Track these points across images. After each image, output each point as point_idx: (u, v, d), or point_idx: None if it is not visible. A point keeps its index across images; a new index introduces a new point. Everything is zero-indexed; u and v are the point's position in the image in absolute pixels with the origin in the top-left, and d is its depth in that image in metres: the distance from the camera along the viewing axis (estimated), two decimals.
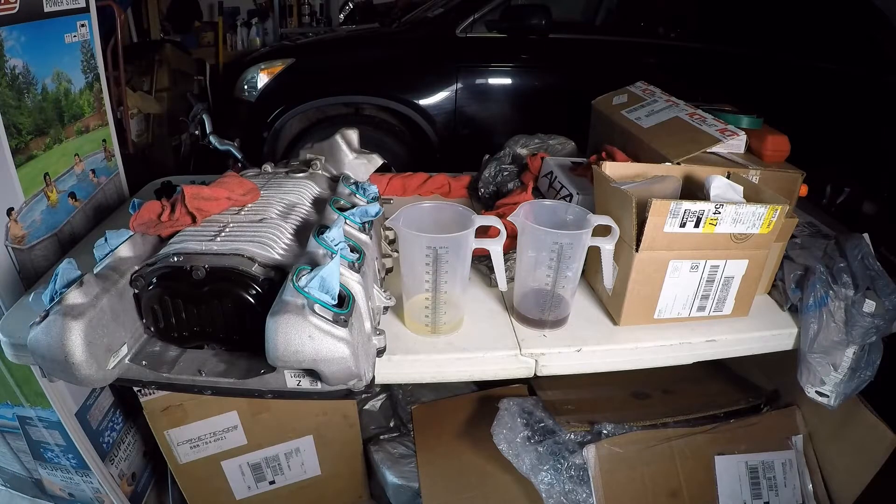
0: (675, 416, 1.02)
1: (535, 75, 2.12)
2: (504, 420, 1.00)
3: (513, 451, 0.97)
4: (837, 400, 0.82)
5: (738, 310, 0.81)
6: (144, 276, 0.61)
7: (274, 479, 1.17)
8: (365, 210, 0.72)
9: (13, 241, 0.86)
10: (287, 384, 0.59)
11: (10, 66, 0.85)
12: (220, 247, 0.61)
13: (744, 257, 0.77)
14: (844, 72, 2.01)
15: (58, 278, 0.57)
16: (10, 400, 0.97)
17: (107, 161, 1.14)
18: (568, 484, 0.95)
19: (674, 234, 0.72)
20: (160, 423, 1.03)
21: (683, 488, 0.98)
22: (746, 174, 0.88)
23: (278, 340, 0.51)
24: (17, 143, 0.86)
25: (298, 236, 0.68)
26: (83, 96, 1.05)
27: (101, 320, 0.56)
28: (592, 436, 0.97)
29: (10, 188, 0.85)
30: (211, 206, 0.69)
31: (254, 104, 2.19)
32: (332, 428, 1.14)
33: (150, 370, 0.61)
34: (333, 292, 0.54)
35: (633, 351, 0.78)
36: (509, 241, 0.79)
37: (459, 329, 0.77)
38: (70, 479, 1.09)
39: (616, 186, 0.76)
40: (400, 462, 1.17)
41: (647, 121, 1.02)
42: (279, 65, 2.19)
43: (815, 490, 1.03)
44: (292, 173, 0.86)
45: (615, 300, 0.80)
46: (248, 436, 1.09)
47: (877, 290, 0.79)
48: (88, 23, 1.04)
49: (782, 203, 0.72)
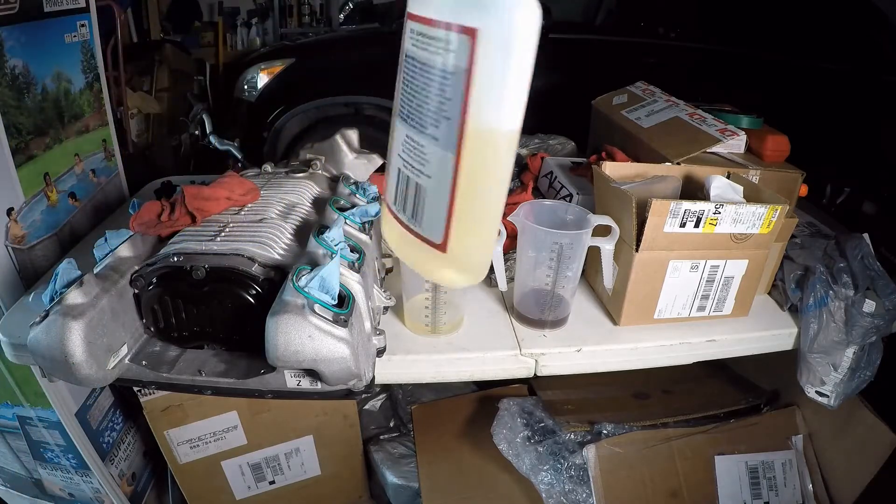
0: (675, 416, 1.02)
1: (535, 75, 2.11)
2: (504, 420, 1.00)
3: (513, 451, 0.97)
4: (837, 400, 0.82)
5: (738, 310, 0.81)
6: (144, 276, 0.61)
7: (274, 479, 1.17)
8: (365, 210, 0.72)
9: (13, 241, 0.86)
10: (287, 384, 0.59)
11: (10, 66, 0.85)
12: (220, 247, 0.61)
13: (744, 257, 0.77)
14: (844, 72, 2.01)
15: (58, 278, 0.57)
16: (10, 400, 0.97)
17: (107, 161, 1.14)
18: (568, 484, 0.95)
19: (674, 234, 0.72)
20: (160, 423, 1.03)
21: (683, 488, 0.98)
22: (746, 174, 0.88)
23: (278, 340, 0.51)
24: (17, 143, 0.86)
25: (298, 236, 0.68)
26: (83, 96, 1.05)
27: (101, 320, 0.56)
28: (592, 436, 0.97)
29: (10, 188, 0.85)
30: (211, 206, 0.69)
31: (254, 104, 2.19)
32: (332, 428, 1.14)
33: (150, 370, 0.61)
34: (333, 292, 0.54)
35: (633, 351, 0.78)
36: (509, 241, 0.80)
37: (459, 329, 0.77)
38: (70, 479, 1.09)
39: (616, 186, 0.76)
40: (400, 462, 1.17)
41: (647, 121, 1.02)
42: (279, 65, 2.19)
43: (815, 490, 1.03)
44: (292, 173, 0.86)
45: (615, 300, 0.80)
46: (248, 436, 1.09)
47: (877, 290, 0.79)
48: (88, 23, 1.04)
49: (782, 203, 0.72)
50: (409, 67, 0.43)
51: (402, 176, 0.45)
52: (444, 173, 0.42)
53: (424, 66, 0.41)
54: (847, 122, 1.87)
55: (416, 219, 0.45)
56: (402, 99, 0.44)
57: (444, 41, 0.39)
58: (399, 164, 0.45)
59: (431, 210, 0.44)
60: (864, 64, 1.99)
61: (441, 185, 0.42)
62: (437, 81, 0.40)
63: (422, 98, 0.41)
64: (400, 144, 0.45)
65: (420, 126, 0.42)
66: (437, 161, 0.42)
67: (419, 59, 0.41)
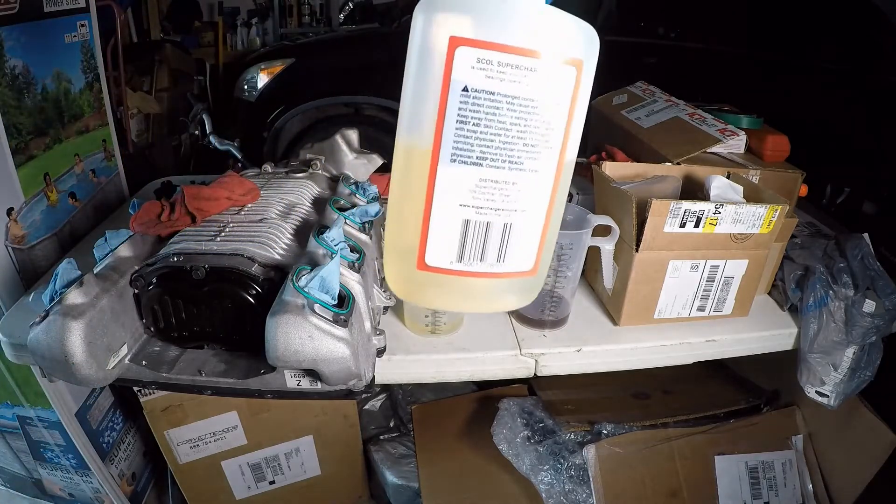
0: (675, 416, 1.02)
1: None
2: (504, 420, 1.00)
3: (513, 451, 0.97)
4: (837, 400, 0.82)
5: (738, 310, 0.81)
6: (144, 276, 0.61)
7: (274, 479, 1.17)
8: (365, 210, 0.72)
9: (13, 241, 0.86)
10: (287, 384, 0.59)
11: (10, 66, 0.85)
12: (220, 247, 0.61)
13: (744, 257, 0.77)
14: (844, 72, 2.01)
15: (58, 278, 0.57)
16: (10, 400, 0.97)
17: (107, 161, 1.14)
18: (568, 484, 0.95)
19: (674, 234, 0.72)
20: (160, 423, 1.03)
21: (683, 488, 0.98)
22: (746, 174, 0.88)
23: (278, 340, 0.51)
24: (17, 143, 0.86)
25: (298, 236, 0.68)
26: (83, 96, 1.05)
27: (101, 320, 0.56)
28: (592, 436, 0.97)
29: (10, 188, 0.85)
30: (211, 206, 0.69)
31: (254, 104, 2.19)
32: (332, 428, 1.14)
33: (150, 370, 0.61)
34: (333, 292, 0.54)
35: (633, 351, 0.78)
36: None
37: (459, 329, 0.77)
38: (70, 479, 1.09)
39: (616, 186, 0.76)
40: (400, 462, 1.18)
41: (647, 121, 1.02)
42: (279, 65, 2.19)
43: (815, 490, 1.03)
44: (292, 173, 0.86)
45: (615, 300, 0.80)
46: (248, 436, 1.09)
47: (877, 290, 0.79)
48: (88, 23, 1.04)
49: (782, 203, 0.72)
50: (483, 104, 0.38)
51: (473, 226, 0.41)
52: (539, 202, 0.42)
53: (517, 100, 0.38)
54: (847, 122, 1.86)
55: (501, 258, 0.43)
56: (467, 142, 0.39)
57: (552, 73, 0.38)
58: (467, 216, 0.41)
59: (522, 242, 0.43)
60: (864, 64, 1.99)
61: (535, 214, 0.42)
62: (539, 114, 0.38)
63: (513, 134, 0.39)
64: (467, 193, 0.40)
65: (510, 163, 0.40)
66: (533, 192, 0.41)
67: (505, 92, 0.38)
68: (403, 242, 0.44)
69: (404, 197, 0.43)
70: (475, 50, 0.36)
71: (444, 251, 0.42)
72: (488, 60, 0.37)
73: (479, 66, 0.37)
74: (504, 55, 0.37)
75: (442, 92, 0.38)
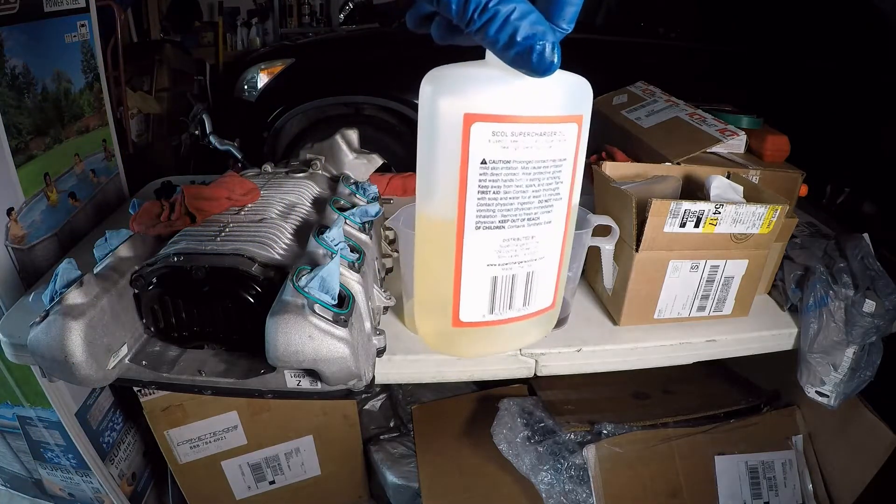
0: (675, 416, 1.02)
1: None
2: (504, 420, 1.00)
3: (513, 451, 0.97)
4: (837, 400, 0.82)
5: (738, 310, 0.81)
6: (144, 276, 0.61)
7: (274, 479, 1.17)
8: (365, 210, 0.72)
9: (13, 241, 0.86)
10: (287, 384, 0.59)
11: (10, 66, 0.85)
12: (220, 247, 0.61)
13: (744, 257, 0.77)
14: (844, 72, 2.01)
15: (58, 278, 0.57)
16: (10, 400, 0.97)
17: (107, 161, 1.14)
18: (568, 484, 0.95)
19: (674, 234, 0.72)
20: (160, 423, 1.03)
21: (683, 488, 0.98)
22: (746, 174, 0.88)
23: (278, 340, 0.51)
24: (17, 143, 0.86)
25: (298, 236, 0.68)
26: (83, 96, 1.05)
27: (101, 320, 0.56)
28: (592, 436, 0.97)
29: (10, 188, 0.85)
30: (211, 206, 0.69)
31: (254, 104, 2.19)
32: (332, 428, 1.14)
33: (150, 370, 0.61)
34: (333, 292, 0.54)
35: (633, 351, 0.78)
36: None
37: None
38: (70, 479, 1.09)
39: (616, 186, 0.76)
40: (400, 462, 1.18)
41: (647, 121, 1.02)
42: (279, 65, 2.19)
43: (815, 490, 1.03)
44: (292, 173, 0.86)
45: (615, 300, 0.80)
46: (248, 436, 1.09)
47: (877, 290, 0.79)
48: (88, 23, 1.04)
49: (782, 203, 0.72)
50: (500, 173, 0.40)
51: (501, 280, 0.45)
52: (555, 247, 0.46)
53: (531, 164, 0.40)
54: (847, 121, 1.86)
55: (526, 302, 0.47)
56: (489, 209, 0.41)
57: (558, 133, 0.40)
58: (494, 273, 0.44)
59: (543, 284, 0.47)
60: (864, 64, 1.99)
61: (552, 258, 0.46)
62: (549, 171, 0.41)
63: (529, 195, 0.41)
64: (493, 253, 0.43)
65: (528, 220, 0.42)
66: (550, 240, 0.45)
67: (520, 158, 0.40)
68: (436, 302, 0.47)
69: (432, 262, 0.46)
70: (490, 125, 0.38)
71: (476, 307, 0.46)
72: (503, 132, 0.38)
73: (495, 138, 0.38)
74: (517, 125, 0.38)
75: (461, 166, 0.39)
